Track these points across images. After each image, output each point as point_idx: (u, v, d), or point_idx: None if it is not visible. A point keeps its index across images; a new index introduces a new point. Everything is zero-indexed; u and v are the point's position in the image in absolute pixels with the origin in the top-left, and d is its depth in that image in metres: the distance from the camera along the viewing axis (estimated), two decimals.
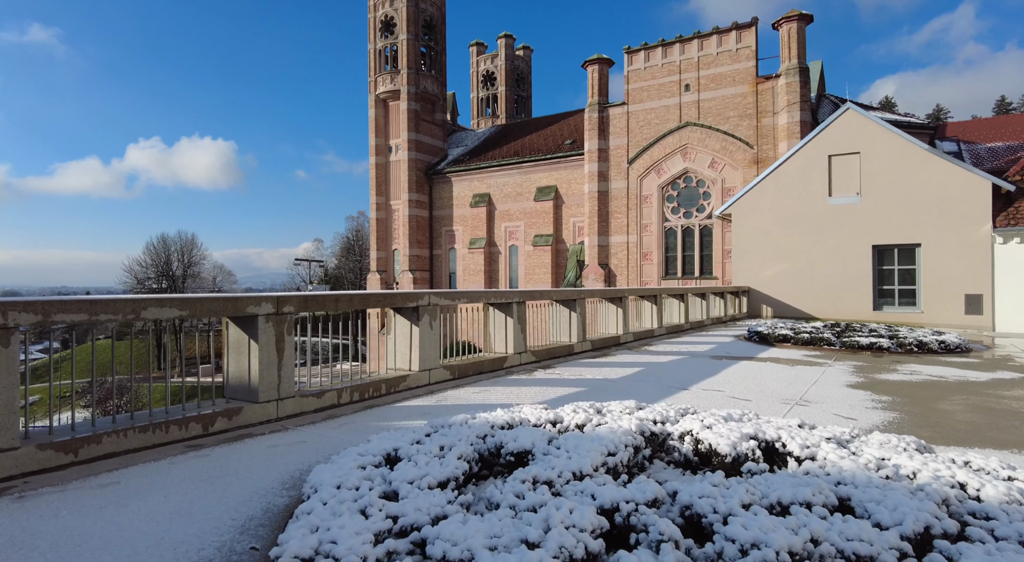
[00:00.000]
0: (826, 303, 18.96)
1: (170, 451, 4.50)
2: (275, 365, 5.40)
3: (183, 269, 65.73)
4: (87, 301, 4.21)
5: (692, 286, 31.12)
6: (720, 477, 2.92)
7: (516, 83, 56.42)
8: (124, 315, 4.42)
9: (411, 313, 7.03)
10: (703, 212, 32.41)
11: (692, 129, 32.35)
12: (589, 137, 35.02)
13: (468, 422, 4.25)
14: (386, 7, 45.25)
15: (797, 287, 19.25)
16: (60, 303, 4.08)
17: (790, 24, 29.67)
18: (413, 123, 44.29)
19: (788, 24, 29.74)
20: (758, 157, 30.62)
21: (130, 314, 4.45)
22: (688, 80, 32.57)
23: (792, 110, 29.41)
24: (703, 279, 32.29)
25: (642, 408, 4.82)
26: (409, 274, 43.97)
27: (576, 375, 8.07)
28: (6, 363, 3.83)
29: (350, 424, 5.35)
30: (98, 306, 4.28)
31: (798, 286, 19.25)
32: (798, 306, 19.32)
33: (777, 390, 7.24)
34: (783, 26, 29.94)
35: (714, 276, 31.95)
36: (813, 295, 19.07)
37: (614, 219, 34.58)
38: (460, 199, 44.27)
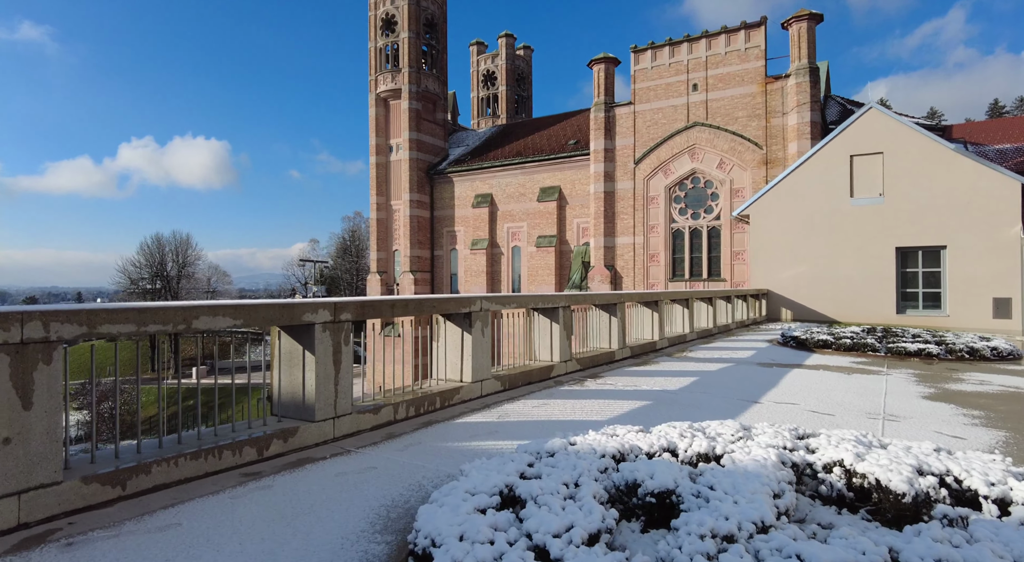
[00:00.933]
0: (847, 306, 18.57)
1: (226, 480, 3.94)
2: (332, 379, 4.85)
3: (178, 270, 64.71)
4: (135, 310, 3.66)
5: (707, 289, 30.71)
6: (938, 529, 2.42)
7: (517, 83, 55.94)
8: (175, 325, 3.86)
9: (462, 320, 6.50)
10: (711, 213, 32.04)
11: (700, 129, 31.98)
12: (595, 137, 34.57)
13: (573, 449, 3.74)
14: (387, 5, 44.63)
15: (817, 290, 18.86)
16: (107, 312, 3.53)
17: (800, 23, 29.36)
18: (414, 122, 43.68)
19: (798, 23, 29.43)
20: (767, 158, 30.29)
21: (180, 324, 3.90)
22: (696, 80, 32.20)
23: (802, 110, 29.09)
24: (711, 281, 31.91)
25: (748, 429, 4.32)
26: (410, 275, 43.35)
27: (631, 386, 7.57)
28: (48, 383, 3.27)
29: (415, 445, 4.81)
30: (147, 315, 3.72)
31: (818, 289, 18.86)
32: (818, 309, 18.93)
33: (851, 402, 6.76)
34: (793, 25, 29.63)
35: (722, 278, 31.59)
36: (834, 298, 18.68)
37: (620, 220, 34.15)
38: (462, 199, 43.70)
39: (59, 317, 3.31)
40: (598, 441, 3.90)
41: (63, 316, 3.33)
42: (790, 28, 29.78)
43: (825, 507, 3.18)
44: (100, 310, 3.50)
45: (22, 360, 3.16)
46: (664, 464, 3.16)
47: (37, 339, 3.22)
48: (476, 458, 4.41)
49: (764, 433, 4.08)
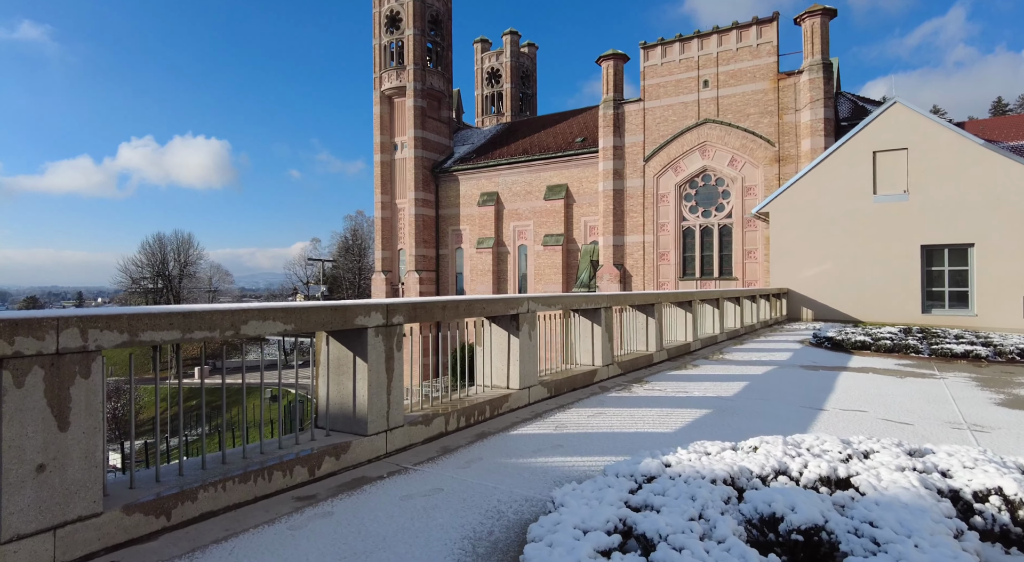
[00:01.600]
0: (871, 306, 18.16)
1: (279, 506, 3.50)
2: (384, 388, 4.42)
3: (179, 269, 64.20)
4: (179, 314, 3.22)
5: (719, 288, 30.34)
6: None
7: (521, 80, 55.49)
8: (222, 331, 3.43)
9: (509, 322, 6.06)
10: (722, 211, 31.62)
11: (711, 126, 31.56)
12: (604, 134, 34.13)
13: (672, 472, 3.30)
14: (392, 2, 44.16)
15: (839, 289, 18.43)
16: (149, 317, 3.09)
17: (813, 19, 28.94)
18: (419, 120, 43.23)
19: (811, 19, 29.00)
20: (780, 155, 29.89)
21: (228, 330, 3.46)
22: (707, 76, 31.77)
23: (815, 107, 28.68)
24: (722, 280, 31.50)
25: (849, 444, 3.89)
26: (415, 274, 42.92)
27: (681, 392, 7.13)
28: (86, 399, 2.83)
29: (477, 461, 4.37)
30: (192, 320, 3.28)
31: (841, 288, 18.43)
32: (840, 308, 18.51)
33: (922, 410, 6.34)
34: (806, 21, 29.20)
35: (733, 277, 31.18)
36: (857, 297, 18.26)
37: (629, 218, 33.72)
38: (467, 198, 43.26)
39: (98, 323, 2.87)
40: (698, 462, 3.46)
41: (102, 322, 2.89)
42: (803, 23, 29.35)
43: (991, 545, 2.75)
44: (143, 315, 3.06)
45: (58, 373, 2.72)
46: (802, 493, 2.73)
47: (74, 349, 2.78)
48: (547, 477, 3.98)
49: (880, 451, 3.65)
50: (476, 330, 6.19)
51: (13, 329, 2.57)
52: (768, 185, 30.14)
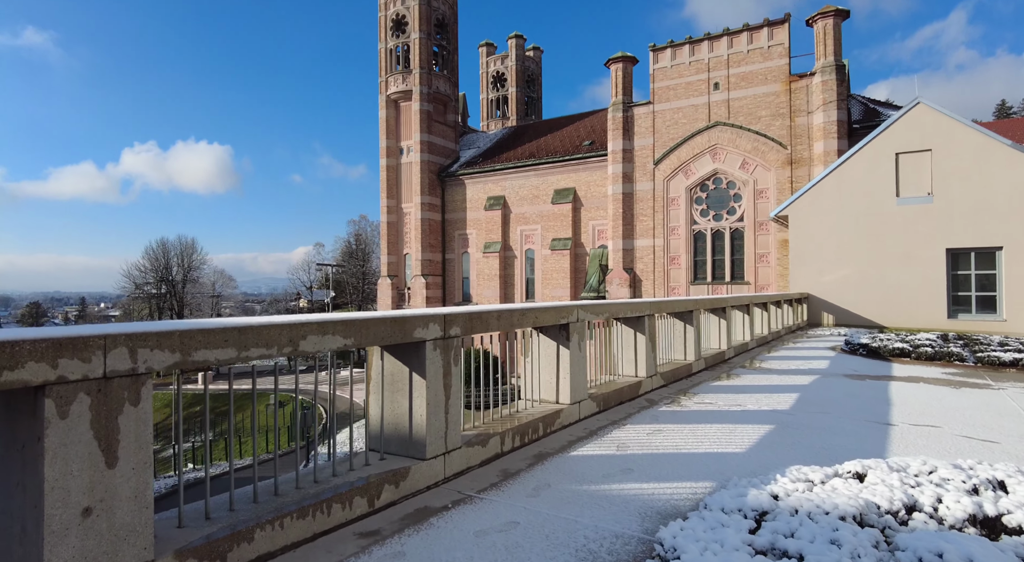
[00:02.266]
0: (894, 310, 17.76)
1: (342, 545, 3.12)
2: (442, 407, 4.04)
3: (183, 274, 63.85)
4: (235, 330, 2.84)
5: (732, 292, 29.92)
6: None
7: (527, 84, 55.25)
8: (279, 348, 3.05)
9: (558, 332, 5.69)
10: (734, 215, 31.25)
11: (722, 129, 31.23)
12: (613, 137, 33.81)
13: (790, 506, 2.92)
14: (397, 5, 43.97)
15: (862, 293, 18.04)
16: (202, 334, 2.71)
17: (826, 20, 28.65)
18: (425, 124, 42.96)
19: (823, 20, 28.71)
20: (792, 158, 29.55)
21: (287, 346, 3.08)
22: (717, 78, 31.47)
23: (828, 109, 28.35)
24: (734, 284, 31.11)
25: (962, 468, 3.50)
26: (421, 279, 42.58)
27: (734, 405, 6.75)
28: (136, 430, 2.45)
29: (545, 488, 3.99)
30: (248, 337, 2.91)
31: (863, 292, 18.04)
32: (863, 314, 18.12)
33: (1000, 425, 5.95)
34: (818, 22, 28.91)
35: (745, 281, 30.79)
36: (880, 302, 17.87)
37: (639, 222, 33.36)
38: (474, 202, 42.95)
39: (148, 341, 2.50)
40: (811, 494, 3.08)
41: (153, 340, 2.51)
42: (815, 25, 29.06)
43: None
44: (196, 332, 2.68)
45: (106, 401, 2.34)
46: (971, 541, 2.35)
47: (123, 371, 2.40)
48: (629, 508, 3.59)
49: (1008, 479, 3.26)
50: (524, 340, 5.81)
51: (57, 350, 2.20)
52: (780, 188, 29.80)
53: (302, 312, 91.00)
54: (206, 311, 71.41)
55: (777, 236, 29.88)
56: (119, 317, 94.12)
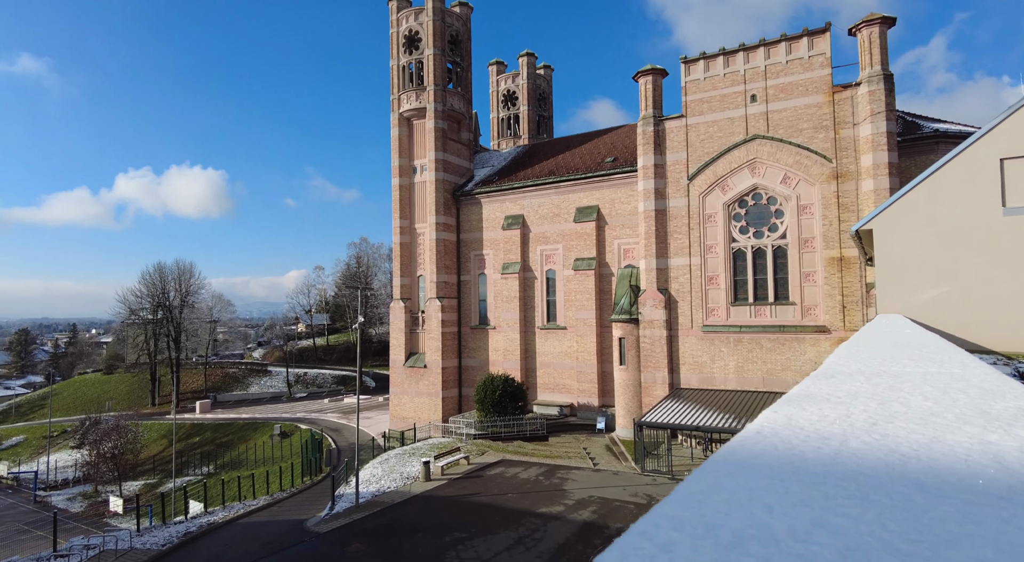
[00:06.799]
0: (1007, 331, 15.96)
1: None
2: None
3: (180, 299, 61.46)
4: None
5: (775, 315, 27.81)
6: None
7: (538, 102, 54.20)
8: None
9: None
10: (776, 231, 29.68)
11: (761, 142, 29.84)
12: (643, 152, 32.36)
13: None
14: (410, 21, 42.85)
15: (965, 313, 16.22)
16: None
17: (871, 28, 27.53)
18: (440, 142, 41.50)
19: (868, 28, 27.60)
20: (838, 171, 28.13)
21: None
22: (754, 90, 30.19)
23: (877, 120, 27.05)
24: (778, 305, 29.38)
25: None
26: (436, 302, 40.63)
27: None
28: None
29: None
30: None
31: (966, 312, 16.22)
32: (966, 336, 16.28)
33: None
34: (862, 30, 27.79)
35: (791, 302, 29.08)
36: (988, 322, 16.03)
37: (673, 240, 31.72)
38: (490, 221, 41.31)
39: None
40: None
41: None
42: (859, 33, 27.93)
43: None
44: None
45: None
46: None
47: None
48: None
49: None
50: None
51: None
52: (826, 203, 28.33)
53: (300, 336, 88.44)
54: (203, 337, 68.96)
55: (824, 253, 28.29)
56: (111, 343, 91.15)
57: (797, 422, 1.36)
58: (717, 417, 24.88)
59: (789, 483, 0.88)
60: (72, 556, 20.72)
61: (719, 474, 0.91)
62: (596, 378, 35.47)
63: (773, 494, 0.83)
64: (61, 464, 46.58)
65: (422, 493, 23.06)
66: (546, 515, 19.99)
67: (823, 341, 28.05)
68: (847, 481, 0.87)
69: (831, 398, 1.77)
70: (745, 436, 1.16)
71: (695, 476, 0.89)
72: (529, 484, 23.74)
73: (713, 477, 0.89)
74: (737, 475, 0.92)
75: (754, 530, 0.70)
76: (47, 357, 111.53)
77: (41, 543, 27.52)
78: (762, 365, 29.31)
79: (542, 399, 37.47)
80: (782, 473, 0.93)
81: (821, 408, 1.60)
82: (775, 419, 1.39)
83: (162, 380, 62.50)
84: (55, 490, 42.25)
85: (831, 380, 2.19)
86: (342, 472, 25.85)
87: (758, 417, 1.39)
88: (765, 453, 1.09)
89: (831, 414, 1.49)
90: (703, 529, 0.71)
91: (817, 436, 1.22)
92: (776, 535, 0.68)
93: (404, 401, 41.54)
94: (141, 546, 20.93)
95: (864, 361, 2.93)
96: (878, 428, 1.29)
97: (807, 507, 0.79)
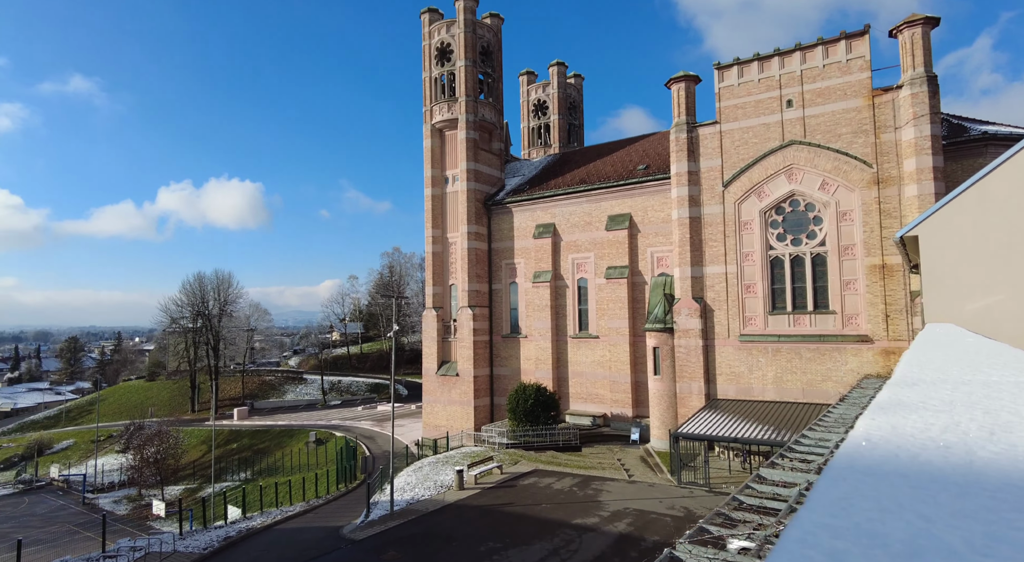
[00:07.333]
0: None
1: None
2: None
3: (219, 308, 63.13)
4: None
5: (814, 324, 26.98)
6: None
7: (569, 111, 54.26)
8: None
9: None
10: (814, 239, 28.96)
11: (798, 148, 29.24)
12: (676, 159, 32.03)
13: None
14: (442, 34, 43.46)
15: (1020, 323, 15.55)
16: None
17: (913, 29, 26.80)
18: (472, 152, 41.85)
19: (910, 29, 26.86)
20: (879, 177, 27.35)
21: None
22: (790, 95, 29.65)
23: (920, 123, 26.24)
24: (818, 314, 28.61)
25: None
26: (468, 311, 40.77)
27: None
28: None
29: None
30: None
31: (1022, 322, 15.55)
32: None
33: None
34: (904, 31, 27.06)
35: (831, 311, 28.29)
36: None
37: (708, 248, 31.24)
38: (521, 230, 41.37)
39: None
40: None
41: None
42: (900, 35, 27.22)
43: None
44: None
45: None
46: None
47: None
48: None
49: None
50: None
51: None
52: (867, 210, 27.56)
53: (334, 345, 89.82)
54: (240, 345, 70.61)
55: (866, 261, 27.49)
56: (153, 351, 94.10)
57: (904, 430, 1.30)
58: (756, 429, 24.29)
59: (932, 491, 0.83)
60: (120, 557, 21.32)
61: (852, 481, 0.86)
62: (630, 388, 35.05)
63: (923, 503, 0.78)
64: (107, 468, 48.11)
65: (456, 502, 23.05)
66: (581, 526, 19.75)
67: (865, 351, 27.20)
68: (1003, 492, 0.82)
69: (927, 406, 1.70)
70: (854, 443, 1.11)
71: (826, 483, 0.84)
72: (563, 495, 23.52)
73: (848, 484, 0.85)
74: (870, 482, 0.87)
75: (926, 541, 0.67)
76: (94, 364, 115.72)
77: (90, 544, 28.42)
78: (802, 376, 28.56)
79: (574, 409, 37.19)
80: (919, 481, 0.89)
81: (922, 417, 1.53)
82: (878, 426, 1.33)
83: (201, 387, 64.15)
84: (102, 492, 43.61)
85: (915, 389, 2.10)
86: (376, 480, 26.04)
87: (857, 424, 1.32)
88: (888, 460, 1.04)
89: (937, 422, 1.42)
90: (867, 538, 0.67)
91: (934, 445, 1.16)
92: (954, 548, 0.64)
93: (437, 409, 41.72)
94: (184, 549, 21.42)
95: (940, 370, 2.80)
96: (999, 437, 1.22)
97: (972, 519, 0.74)
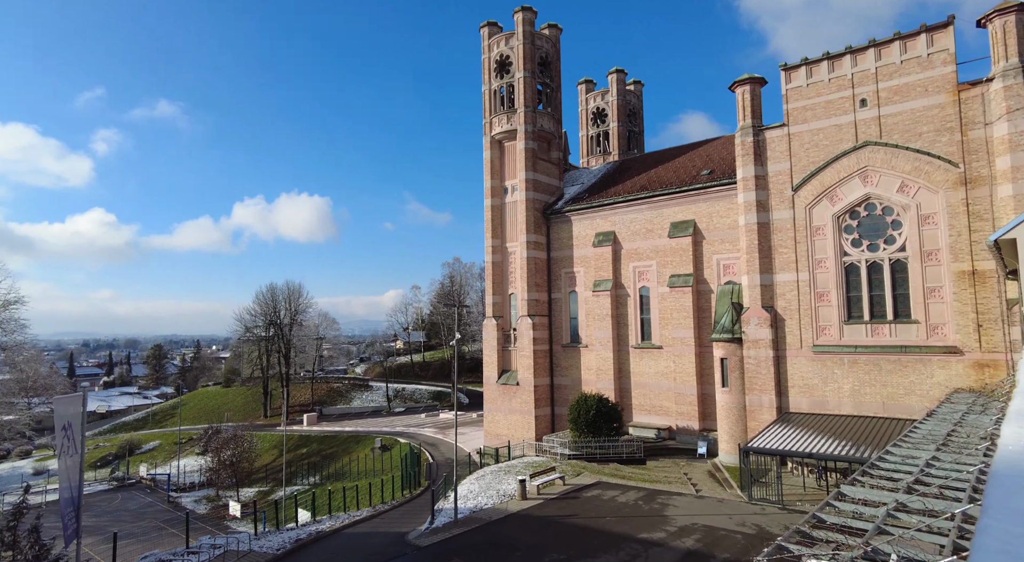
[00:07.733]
0: None
1: None
2: None
3: (290, 317, 66.02)
4: None
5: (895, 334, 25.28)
6: None
7: (628, 118, 53.76)
8: None
9: None
10: (893, 244, 27.38)
11: (873, 149, 27.80)
12: (743, 163, 31.12)
13: None
14: (501, 46, 44.13)
15: None
16: None
17: (1005, 17, 25.05)
18: (531, 162, 42.12)
19: (1002, 18, 25.12)
20: (967, 177, 25.60)
21: None
22: (864, 94, 28.27)
23: (1015, 118, 24.42)
24: (899, 323, 26.95)
25: None
26: (528, 320, 40.86)
27: None
28: None
29: None
30: None
31: None
32: None
33: None
34: (994, 20, 25.34)
35: (913, 320, 26.59)
36: None
37: (778, 254, 30.08)
38: (581, 239, 41.17)
39: None
40: None
41: None
42: (990, 24, 25.51)
43: None
44: None
45: None
46: None
47: None
48: None
49: None
50: None
51: None
52: (953, 212, 25.82)
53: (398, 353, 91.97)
54: (310, 353, 73.48)
55: (952, 267, 25.71)
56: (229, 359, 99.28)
57: None
58: (833, 444, 23.07)
59: None
60: (201, 553, 22.54)
61: None
62: (696, 400, 34.06)
63: None
64: (189, 468, 51.03)
65: (519, 512, 23.02)
66: (647, 541, 19.30)
67: (954, 363, 25.39)
68: None
69: None
70: (1009, 451, 1.05)
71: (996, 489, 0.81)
72: (628, 508, 23.06)
73: None
74: None
75: None
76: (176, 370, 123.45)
77: (174, 540, 30.20)
78: (881, 389, 26.96)
79: (638, 421, 36.48)
80: None
81: None
82: None
83: (273, 393, 67.09)
84: (184, 492, 46.31)
85: None
86: (440, 487, 26.39)
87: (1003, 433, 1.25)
88: None
89: None
90: None
91: None
92: None
93: (498, 418, 41.92)
94: (259, 549, 22.39)
95: None
96: None
97: None
